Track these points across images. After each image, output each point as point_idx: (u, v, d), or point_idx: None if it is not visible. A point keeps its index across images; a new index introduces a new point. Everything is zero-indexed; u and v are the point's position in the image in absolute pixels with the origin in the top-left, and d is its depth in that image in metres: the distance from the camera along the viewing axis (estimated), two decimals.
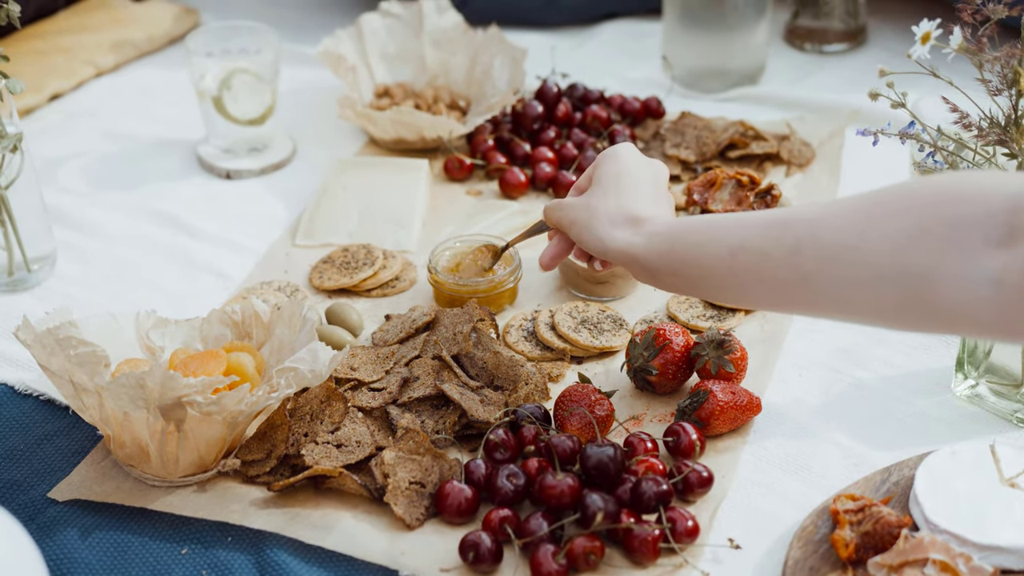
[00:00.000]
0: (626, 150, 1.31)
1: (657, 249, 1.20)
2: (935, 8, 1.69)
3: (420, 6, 1.84)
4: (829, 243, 1.07)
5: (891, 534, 1.14)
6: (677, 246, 1.18)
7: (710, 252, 1.15)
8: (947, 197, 1.02)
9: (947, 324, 1.04)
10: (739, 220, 1.15)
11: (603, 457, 1.20)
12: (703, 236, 1.16)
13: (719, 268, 1.14)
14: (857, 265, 1.05)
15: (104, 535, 1.21)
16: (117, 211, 1.64)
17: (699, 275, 1.17)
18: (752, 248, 1.12)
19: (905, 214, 1.03)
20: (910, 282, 1.03)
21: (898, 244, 1.03)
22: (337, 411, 1.27)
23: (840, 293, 1.07)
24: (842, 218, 1.07)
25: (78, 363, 1.17)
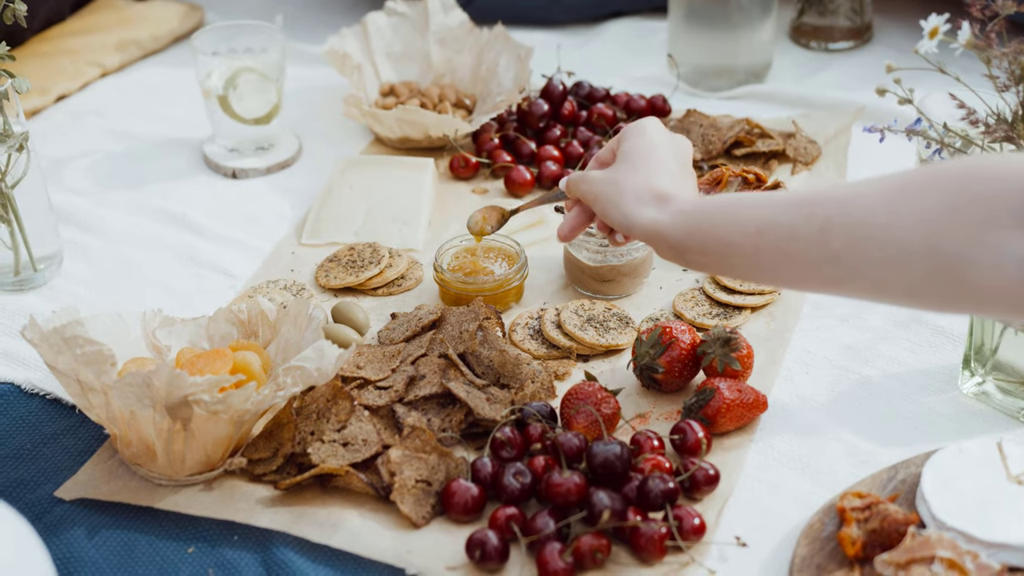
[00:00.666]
0: (652, 124, 1.30)
1: (683, 226, 1.19)
2: (941, 6, 1.69)
3: (425, 4, 1.84)
4: (859, 221, 1.06)
5: (898, 531, 1.14)
6: (704, 224, 1.18)
7: (737, 230, 1.14)
8: (978, 177, 1.02)
9: (976, 303, 1.04)
10: (767, 199, 1.14)
11: (609, 455, 1.20)
12: (730, 214, 1.16)
13: (745, 246, 1.14)
14: (887, 243, 1.05)
15: (111, 534, 1.21)
16: (123, 210, 1.65)
17: (725, 253, 1.16)
18: (780, 225, 1.11)
19: (936, 193, 1.03)
20: (940, 261, 1.02)
21: (928, 223, 1.03)
22: (343, 409, 1.27)
23: (870, 272, 1.06)
24: (872, 197, 1.06)
25: (85, 362, 1.17)
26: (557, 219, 1.58)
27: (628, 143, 1.29)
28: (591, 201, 1.29)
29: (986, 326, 1.29)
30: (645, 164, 1.26)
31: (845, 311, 1.44)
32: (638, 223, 1.23)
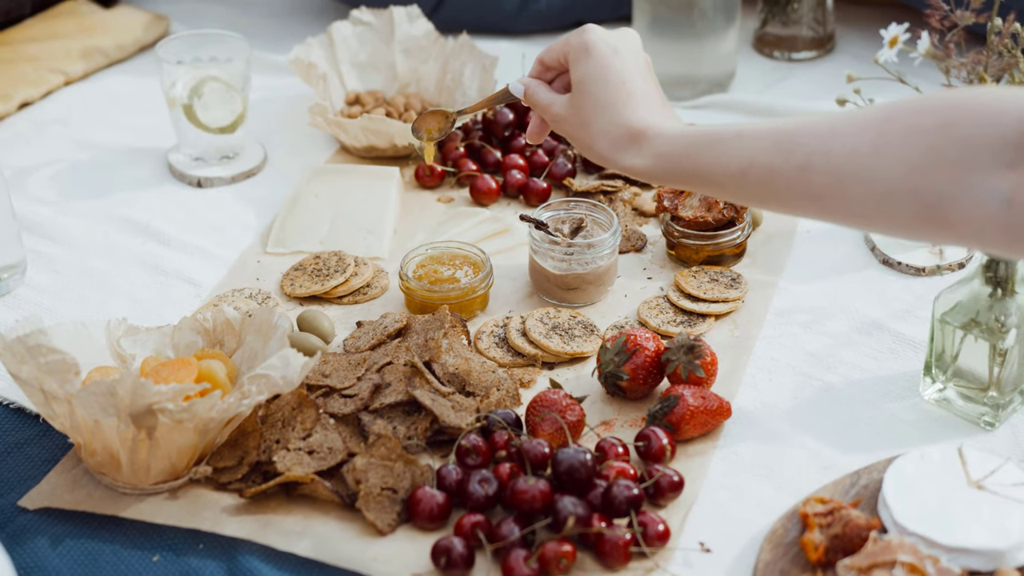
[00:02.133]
0: (598, 39, 1.23)
1: (664, 168, 1.18)
2: (902, 16, 1.70)
3: (391, 14, 1.84)
4: (841, 162, 1.07)
5: (860, 536, 1.14)
6: (685, 163, 1.17)
7: (720, 170, 1.14)
8: (960, 116, 1.03)
9: (958, 239, 1.05)
10: (747, 134, 1.13)
11: (574, 462, 1.20)
12: (711, 155, 1.15)
13: (730, 185, 1.14)
14: (869, 183, 1.06)
15: (75, 543, 1.20)
16: (87, 220, 1.64)
17: (709, 188, 1.17)
18: (761, 165, 1.11)
19: (918, 134, 1.04)
20: (923, 201, 1.03)
21: (911, 163, 1.03)
22: (309, 418, 1.27)
23: (853, 210, 1.08)
24: (853, 135, 1.07)
25: (48, 371, 1.17)
26: (522, 227, 1.59)
27: (580, 69, 1.23)
28: (562, 134, 1.27)
29: (946, 333, 1.30)
30: (608, 94, 1.21)
31: (807, 318, 1.45)
32: (618, 167, 1.21)
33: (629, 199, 1.64)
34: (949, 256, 1.51)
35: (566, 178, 1.66)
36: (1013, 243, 1.02)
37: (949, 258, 1.51)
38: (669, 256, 1.55)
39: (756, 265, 1.53)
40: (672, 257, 1.55)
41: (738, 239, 1.52)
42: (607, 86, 1.21)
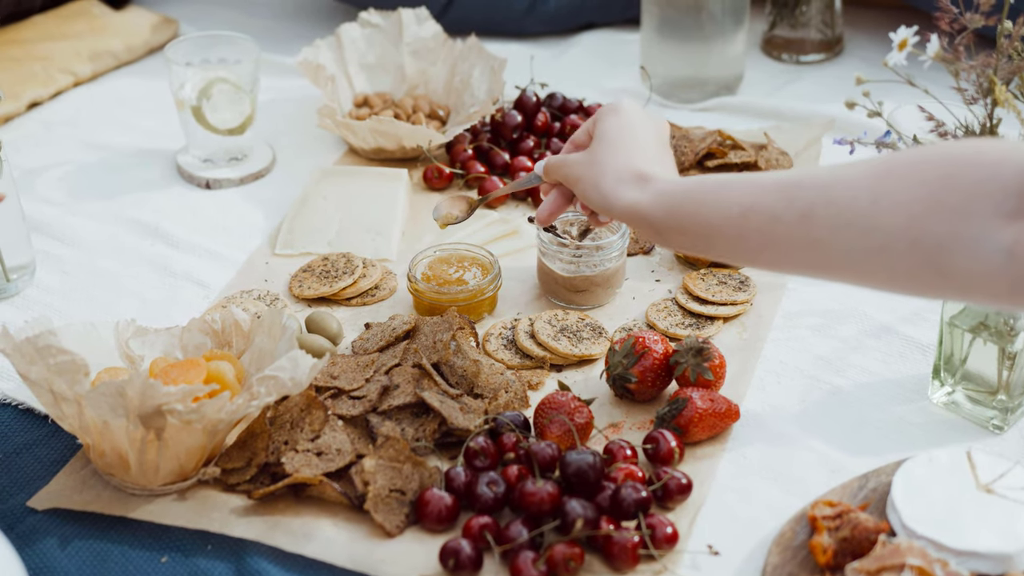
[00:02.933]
0: (627, 104, 1.30)
1: (664, 207, 1.19)
2: (911, 19, 1.70)
3: (399, 16, 1.84)
4: (842, 209, 1.06)
5: (869, 540, 1.14)
6: (686, 205, 1.17)
7: (720, 212, 1.14)
8: (961, 167, 1.02)
9: (959, 292, 1.05)
10: (751, 180, 1.14)
11: (583, 464, 1.20)
12: (713, 195, 1.16)
13: (728, 228, 1.13)
14: (869, 232, 1.05)
15: (84, 544, 1.21)
16: (96, 221, 1.64)
17: (708, 234, 1.16)
18: (763, 210, 1.11)
19: (918, 183, 1.03)
20: (923, 251, 1.03)
21: (911, 213, 1.03)
22: (317, 419, 1.27)
23: (852, 260, 1.07)
24: (854, 184, 1.07)
25: (58, 372, 1.17)
26: (530, 229, 1.59)
27: (605, 124, 1.29)
28: (571, 183, 1.30)
29: (955, 336, 1.30)
30: (623, 144, 1.26)
31: (816, 321, 1.45)
32: (618, 204, 1.22)
33: None
34: None
35: None
36: (1014, 295, 1.01)
37: None
38: (677, 258, 1.55)
39: None
40: (681, 259, 1.54)
41: None
42: (625, 139, 1.26)
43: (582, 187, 1.27)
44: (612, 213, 1.24)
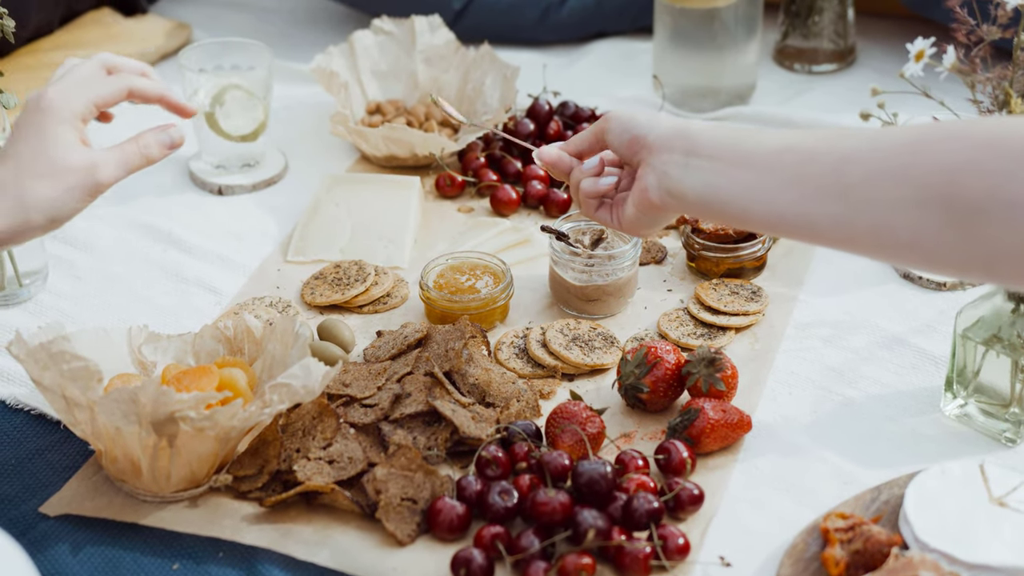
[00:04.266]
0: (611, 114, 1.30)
1: (709, 129, 1.18)
2: (923, 30, 1.70)
3: (412, 23, 1.84)
4: (881, 157, 1.05)
5: (881, 552, 1.14)
6: (728, 132, 1.17)
7: (760, 144, 1.13)
8: (1003, 132, 1.01)
9: (985, 265, 1.03)
10: (802, 131, 1.13)
11: (595, 474, 1.20)
12: (758, 132, 1.16)
13: (760, 161, 1.12)
14: (904, 183, 1.04)
15: (95, 550, 1.21)
16: (109, 226, 1.64)
17: (738, 163, 1.14)
18: (804, 147, 1.10)
19: (961, 141, 1.02)
20: (955, 210, 1.01)
21: (950, 168, 1.02)
22: (329, 427, 1.27)
23: (880, 211, 1.05)
24: (898, 139, 1.06)
25: (71, 377, 1.17)
26: (543, 238, 1.59)
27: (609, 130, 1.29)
28: (603, 122, 1.27)
29: (968, 348, 1.30)
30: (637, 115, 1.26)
31: (828, 332, 1.45)
32: (667, 121, 1.21)
33: None
34: None
35: None
36: None
37: None
38: (689, 268, 1.55)
39: (776, 278, 1.53)
40: (692, 269, 1.54)
41: (759, 252, 1.52)
42: None
43: (620, 116, 1.25)
44: (654, 129, 1.22)
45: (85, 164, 1.27)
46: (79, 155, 1.27)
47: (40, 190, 1.24)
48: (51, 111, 1.27)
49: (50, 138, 1.26)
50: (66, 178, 1.26)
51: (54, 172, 1.25)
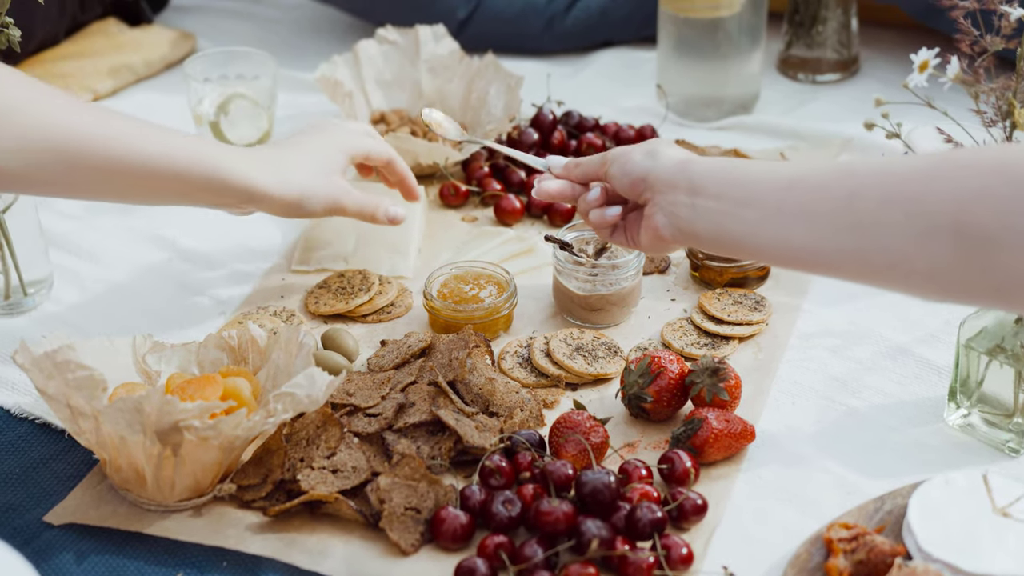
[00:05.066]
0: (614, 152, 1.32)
1: (709, 166, 1.18)
2: (927, 40, 1.70)
3: (416, 33, 1.85)
4: (891, 189, 1.05)
5: (885, 563, 1.14)
6: (732, 169, 1.17)
7: (767, 179, 1.13)
8: (1012, 159, 1.01)
9: (998, 293, 1.02)
10: (803, 161, 1.14)
11: (598, 484, 1.20)
12: (763, 165, 1.16)
13: (769, 198, 1.12)
14: (916, 215, 1.03)
15: (100, 559, 1.21)
16: (114, 236, 1.65)
17: (744, 200, 1.14)
18: (811, 183, 1.10)
19: (973, 170, 1.02)
20: (967, 240, 1.01)
21: (961, 198, 1.01)
22: (333, 436, 1.27)
23: (892, 243, 1.05)
24: (908, 169, 1.05)
25: (76, 387, 1.17)
26: (546, 248, 1.59)
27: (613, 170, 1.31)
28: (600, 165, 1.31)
29: (971, 359, 1.30)
30: None
31: (832, 342, 1.45)
32: (665, 159, 1.22)
33: None
34: None
35: None
36: None
37: None
38: (693, 278, 1.55)
39: (780, 288, 1.53)
40: (696, 279, 1.55)
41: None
42: None
43: (619, 158, 1.27)
44: (653, 171, 1.23)
45: (338, 184, 1.44)
46: (337, 177, 1.45)
47: (299, 177, 1.40)
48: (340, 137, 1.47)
49: (327, 152, 1.45)
50: (322, 183, 1.42)
51: (316, 173, 1.42)
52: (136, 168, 1.30)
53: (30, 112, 1.25)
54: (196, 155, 1.33)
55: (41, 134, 1.25)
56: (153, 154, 1.30)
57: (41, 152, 1.25)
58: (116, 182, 1.31)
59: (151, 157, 1.30)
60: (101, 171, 1.29)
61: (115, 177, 1.30)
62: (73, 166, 1.27)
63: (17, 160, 1.24)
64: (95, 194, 1.35)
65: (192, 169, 1.32)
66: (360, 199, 1.45)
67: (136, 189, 1.33)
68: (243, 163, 1.36)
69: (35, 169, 1.26)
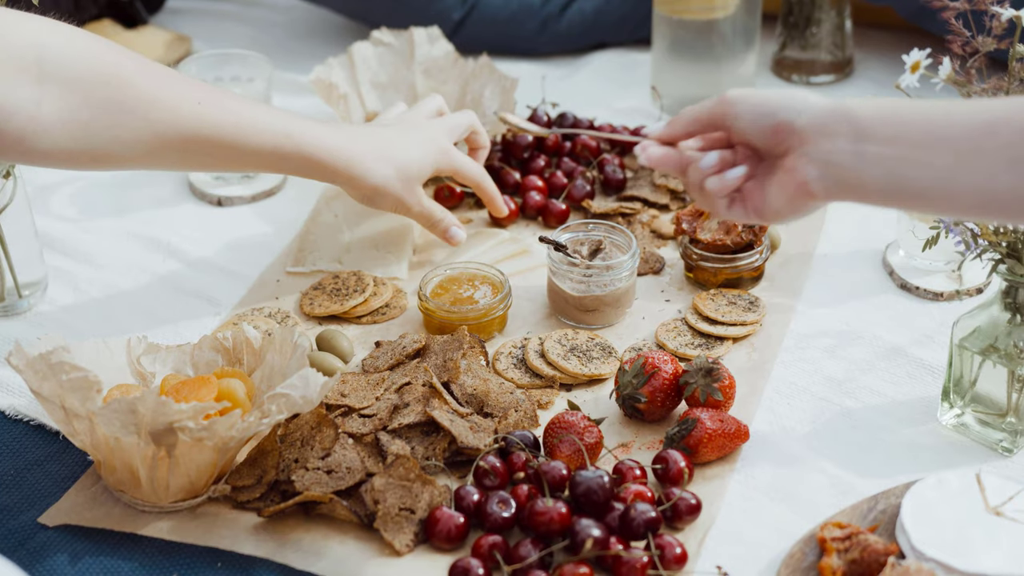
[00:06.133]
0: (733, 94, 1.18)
1: (876, 108, 1.06)
2: (921, 41, 1.71)
3: (411, 35, 1.85)
4: None
5: (878, 562, 1.14)
6: (907, 111, 1.05)
7: (959, 121, 1.02)
8: None
9: None
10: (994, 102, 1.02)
11: (592, 484, 1.20)
12: (941, 105, 1.04)
13: (964, 140, 1.00)
14: None
15: (94, 560, 1.21)
16: (109, 237, 1.65)
17: (928, 144, 1.02)
18: (1018, 125, 0.98)
19: None
20: None
21: None
22: (327, 437, 1.28)
23: None
24: None
25: (70, 388, 1.18)
26: (541, 249, 1.59)
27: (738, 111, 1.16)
28: (724, 105, 1.15)
29: (965, 359, 1.30)
30: None
31: (826, 342, 1.46)
32: (818, 102, 1.09)
33: (647, 221, 1.64)
34: (968, 281, 1.51)
35: (585, 200, 1.67)
36: None
37: (968, 283, 1.51)
38: (687, 279, 1.55)
39: (774, 288, 1.53)
40: (690, 280, 1.55)
41: (756, 262, 1.52)
42: None
43: (747, 101, 1.13)
44: (804, 113, 1.09)
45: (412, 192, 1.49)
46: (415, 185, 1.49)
47: (384, 172, 1.45)
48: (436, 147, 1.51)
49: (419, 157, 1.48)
50: (400, 187, 1.47)
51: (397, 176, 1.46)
52: (244, 154, 1.37)
53: (161, 107, 1.30)
54: (298, 140, 1.39)
55: (168, 127, 1.31)
56: (263, 142, 1.37)
57: (164, 143, 1.31)
58: (219, 164, 1.40)
59: (261, 145, 1.37)
60: (211, 156, 1.36)
61: (220, 161, 1.38)
62: (189, 152, 1.34)
63: (141, 149, 1.30)
64: (195, 170, 1.48)
65: (295, 154, 1.40)
66: (428, 208, 1.50)
67: (237, 167, 1.42)
68: (339, 150, 1.42)
69: (153, 155, 1.32)
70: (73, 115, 1.24)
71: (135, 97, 1.28)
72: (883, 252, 1.58)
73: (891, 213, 1.59)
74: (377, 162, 1.44)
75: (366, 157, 1.44)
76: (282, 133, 1.38)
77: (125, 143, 1.29)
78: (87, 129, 1.26)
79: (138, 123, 1.28)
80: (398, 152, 1.47)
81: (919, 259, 1.53)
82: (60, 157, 1.26)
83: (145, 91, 1.29)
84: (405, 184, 1.47)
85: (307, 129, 1.41)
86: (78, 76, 1.25)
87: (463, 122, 1.55)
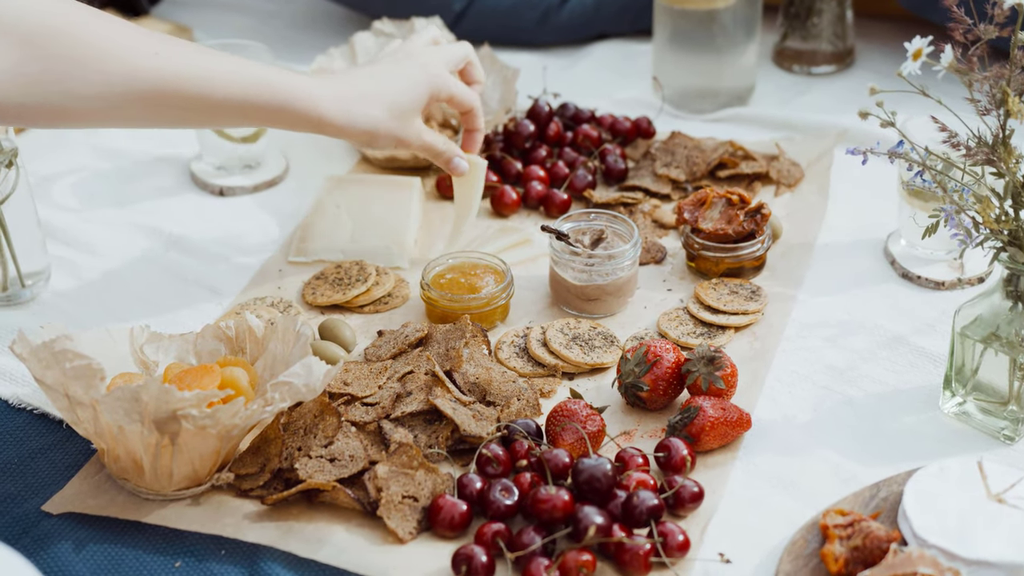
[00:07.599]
0: None
1: None
2: (922, 31, 1.70)
3: (412, 26, 1.85)
4: None
5: (880, 549, 1.15)
6: None
7: None
8: None
9: None
10: None
11: (595, 472, 1.21)
12: None
13: None
14: None
15: (98, 548, 1.21)
16: (111, 227, 1.65)
17: None
18: None
19: None
20: None
21: None
22: (330, 425, 1.28)
23: None
24: None
25: (74, 376, 1.18)
26: (543, 239, 1.59)
27: None
28: None
29: (966, 347, 1.30)
30: None
31: (828, 331, 1.46)
32: None
33: (649, 211, 1.64)
34: (969, 270, 1.52)
35: (587, 190, 1.67)
36: None
37: (969, 272, 1.51)
38: (689, 268, 1.55)
39: (776, 277, 1.54)
40: (692, 269, 1.55)
41: (758, 252, 1.52)
42: None
43: None
44: None
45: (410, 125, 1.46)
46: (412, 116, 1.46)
47: (373, 112, 1.42)
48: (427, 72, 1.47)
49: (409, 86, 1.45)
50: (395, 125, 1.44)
51: (391, 109, 1.43)
52: (213, 105, 1.34)
53: (113, 58, 1.28)
54: (271, 88, 1.36)
55: (124, 79, 1.28)
56: (232, 93, 1.34)
57: (123, 95, 1.29)
58: (192, 119, 1.37)
59: (229, 96, 1.34)
60: (180, 109, 1.33)
61: (191, 115, 1.35)
62: (153, 106, 1.31)
63: (99, 103, 1.28)
64: (167, 126, 1.39)
65: (268, 104, 1.36)
66: (429, 141, 1.48)
67: (211, 122, 1.41)
68: (316, 98, 1.39)
69: (115, 110, 1.30)
70: (21, 68, 1.22)
71: (84, 49, 1.26)
72: (884, 241, 1.58)
73: (892, 203, 1.59)
74: (363, 105, 1.41)
75: (351, 102, 1.41)
76: (253, 81, 1.35)
77: (79, 97, 1.26)
78: (38, 83, 1.24)
79: (90, 76, 1.26)
80: (386, 88, 1.44)
81: (920, 248, 1.53)
82: (12, 112, 1.24)
83: (94, 42, 1.26)
84: (399, 120, 1.44)
85: (285, 78, 1.38)
86: (25, 29, 1.22)
87: (458, 52, 1.53)
